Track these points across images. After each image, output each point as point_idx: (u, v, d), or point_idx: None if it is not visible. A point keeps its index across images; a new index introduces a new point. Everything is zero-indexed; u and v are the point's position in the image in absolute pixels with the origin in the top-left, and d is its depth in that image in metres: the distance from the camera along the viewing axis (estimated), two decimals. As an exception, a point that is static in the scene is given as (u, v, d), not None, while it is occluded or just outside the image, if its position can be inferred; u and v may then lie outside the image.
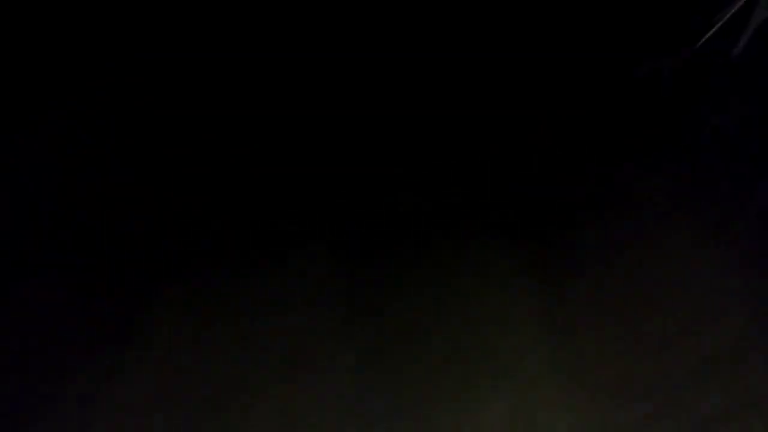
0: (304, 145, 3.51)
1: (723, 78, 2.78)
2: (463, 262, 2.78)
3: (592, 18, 3.67)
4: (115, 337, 2.57)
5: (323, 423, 2.36)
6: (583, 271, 2.67)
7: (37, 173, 3.34)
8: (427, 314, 2.60)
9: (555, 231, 2.88)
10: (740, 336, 2.37)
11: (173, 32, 4.16)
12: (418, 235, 2.94)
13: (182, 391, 2.43)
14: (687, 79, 2.98)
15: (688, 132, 2.91)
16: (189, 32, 4.16)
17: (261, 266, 2.85)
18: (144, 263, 2.84)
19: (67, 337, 2.55)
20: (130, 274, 2.80)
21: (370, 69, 3.96)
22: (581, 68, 3.55)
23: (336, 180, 3.28)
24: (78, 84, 3.85)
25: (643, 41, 3.38)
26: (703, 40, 2.30)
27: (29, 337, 2.55)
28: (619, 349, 2.43)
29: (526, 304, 2.59)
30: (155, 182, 3.29)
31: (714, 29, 2.29)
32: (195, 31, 4.18)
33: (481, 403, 2.37)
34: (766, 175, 2.63)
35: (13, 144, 3.48)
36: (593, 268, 2.69)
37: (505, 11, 3.98)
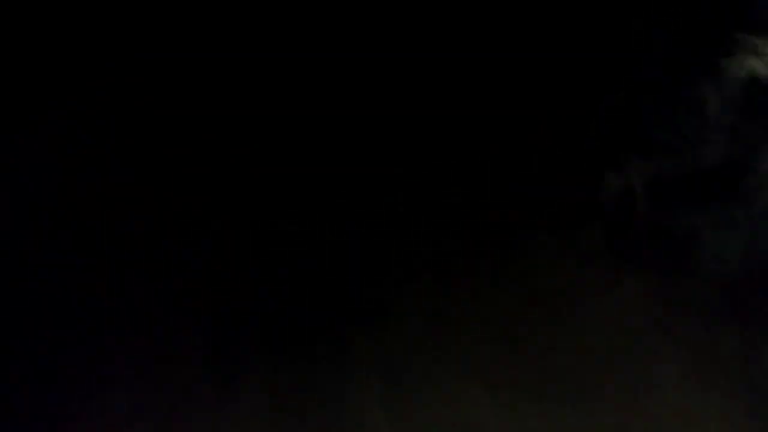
0: (304, 145, 3.51)
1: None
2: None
3: (592, 18, 3.66)
4: (114, 335, 2.56)
5: None
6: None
7: (37, 173, 3.33)
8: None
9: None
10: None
11: (173, 32, 4.15)
12: (417, 241, 2.92)
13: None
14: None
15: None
16: (189, 32, 4.16)
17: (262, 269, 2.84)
18: (144, 263, 2.84)
19: (67, 336, 2.54)
20: (130, 274, 2.80)
21: (370, 69, 3.95)
22: (581, 68, 3.54)
23: (335, 180, 3.28)
24: (78, 84, 3.85)
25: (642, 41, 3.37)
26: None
27: (29, 337, 2.54)
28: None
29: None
30: (155, 182, 3.29)
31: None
32: (195, 31, 4.18)
33: None
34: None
35: (13, 144, 3.47)
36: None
37: (505, 11, 3.97)
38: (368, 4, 4.24)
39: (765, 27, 2.53)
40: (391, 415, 2.34)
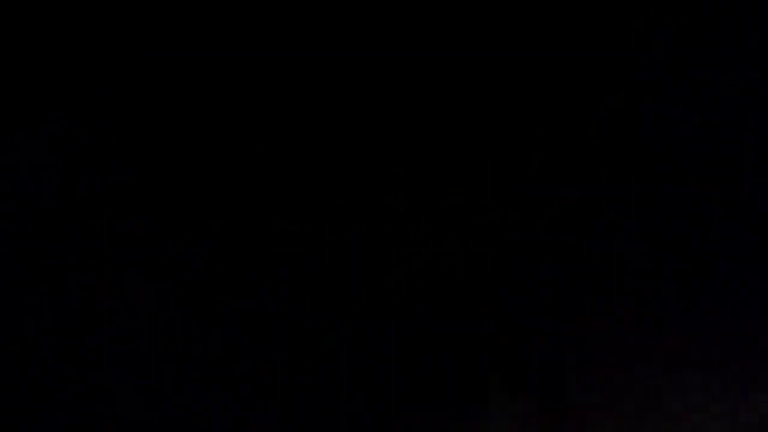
0: (304, 145, 3.51)
1: None
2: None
3: (592, 18, 3.66)
4: (114, 335, 2.56)
5: None
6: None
7: (37, 173, 3.34)
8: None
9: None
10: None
11: (173, 32, 4.16)
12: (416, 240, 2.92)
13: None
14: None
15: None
16: (189, 32, 4.16)
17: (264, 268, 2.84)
18: (144, 263, 2.84)
19: (66, 336, 2.55)
20: (130, 274, 2.80)
21: (370, 69, 3.96)
22: (581, 68, 3.54)
23: (335, 180, 3.28)
24: (78, 84, 3.85)
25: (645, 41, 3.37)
26: None
27: (29, 337, 2.54)
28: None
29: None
30: (155, 182, 3.29)
31: None
32: (195, 31, 4.18)
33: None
34: None
35: (13, 144, 3.48)
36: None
37: (505, 11, 3.98)
38: (368, 4, 4.25)
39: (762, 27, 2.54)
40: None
